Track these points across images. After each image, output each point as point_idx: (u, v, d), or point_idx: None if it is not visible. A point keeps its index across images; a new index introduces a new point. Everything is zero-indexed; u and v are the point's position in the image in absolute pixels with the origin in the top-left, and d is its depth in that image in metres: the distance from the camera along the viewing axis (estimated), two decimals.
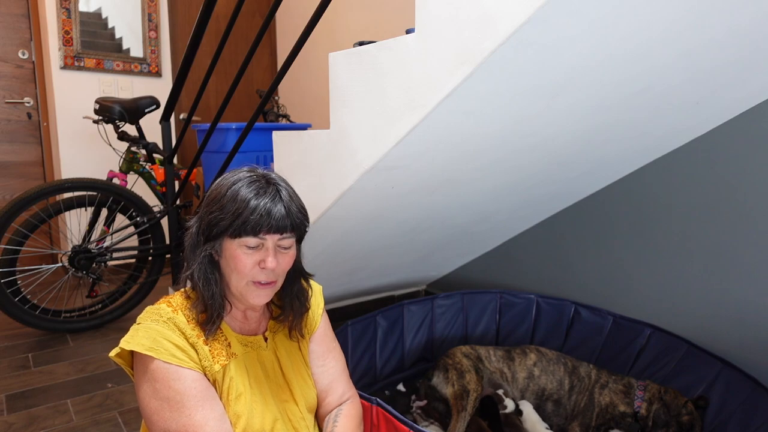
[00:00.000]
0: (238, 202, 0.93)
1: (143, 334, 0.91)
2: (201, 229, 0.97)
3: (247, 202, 0.92)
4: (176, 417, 0.88)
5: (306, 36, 1.46)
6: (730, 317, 1.58)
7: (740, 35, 1.10)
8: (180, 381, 0.90)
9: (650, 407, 1.49)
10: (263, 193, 0.94)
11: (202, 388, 0.92)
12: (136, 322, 0.95)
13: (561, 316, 1.90)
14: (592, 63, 1.03)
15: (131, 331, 0.93)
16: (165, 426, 0.88)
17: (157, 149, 2.71)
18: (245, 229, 0.92)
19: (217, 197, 0.95)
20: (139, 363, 0.91)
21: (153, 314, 0.95)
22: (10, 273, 2.35)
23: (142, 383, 0.91)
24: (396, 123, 1.11)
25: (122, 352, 0.93)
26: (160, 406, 0.89)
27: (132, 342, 0.91)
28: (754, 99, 1.43)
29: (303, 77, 3.69)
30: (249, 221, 0.92)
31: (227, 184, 0.95)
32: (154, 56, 3.55)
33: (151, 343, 0.90)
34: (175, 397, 0.89)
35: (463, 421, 1.46)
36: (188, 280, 0.99)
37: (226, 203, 0.93)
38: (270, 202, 0.93)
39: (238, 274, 0.96)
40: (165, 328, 0.92)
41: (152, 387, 0.89)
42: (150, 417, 0.89)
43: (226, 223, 0.93)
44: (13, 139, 3.31)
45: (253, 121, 1.75)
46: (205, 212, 0.96)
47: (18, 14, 3.25)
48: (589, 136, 1.43)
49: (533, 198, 1.80)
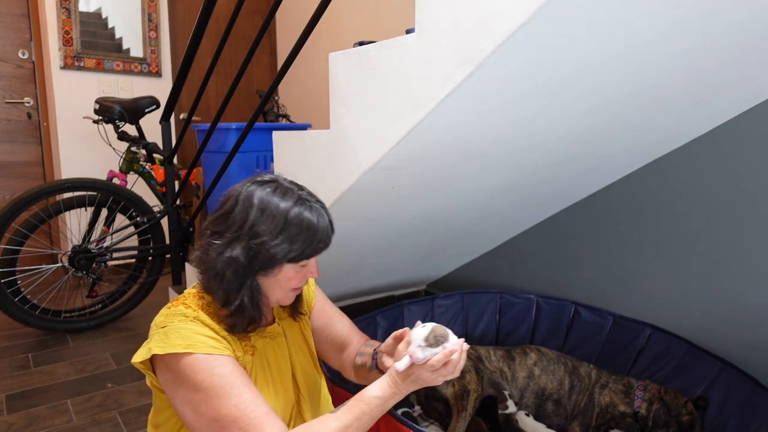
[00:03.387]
0: (305, 227, 0.93)
1: (176, 335, 0.91)
2: (258, 260, 0.93)
3: (314, 229, 0.94)
4: (225, 401, 0.87)
5: (306, 36, 1.46)
6: (730, 317, 1.58)
7: (740, 35, 1.10)
8: (223, 366, 0.90)
9: (650, 407, 1.49)
10: (319, 216, 0.96)
11: (243, 372, 0.93)
12: (160, 326, 0.93)
13: (561, 316, 1.90)
14: (592, 63, 1.03)
15: (159, 335, 0.91)
16: (214, 413, 0.87)
17: (157, 149, 2.71)
18: (310, 254, 0.96)
19: (277, 226, 0.92)
20: (174, 363, 0.90)
21: (177, 315, 0.94)
22: (10, 273, 2.35)
23: (180, 382, 0.89)
24: (396, 123, 1.11)
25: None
26: (206, 395, 0.88)
27: (166, 345, 0.90)
28: (754, 99, 1.43)
29: (303, 77, 3.69)
30: (317, 248, 0.96)
31: (284, 208, 0.93)
32: (154, 56, 3.55)
33: (187, 342, 0.90)
34: (221, 382, 0.88)
35: (463, 421, 1.46)
36: (206, 287, 0.98)
37: (290, 228, 0.92)
38: (328, 224, 0.97)
39: (285, 290, 0.99)
40: (195, 326, 0.93)
41: (193, 381, 0.88)
42: (196, 410, 0.88)
43: (296, 253, 0.94)
44: (13, 139, 3.31)
45: (253, 121, 1.75)
46: (263, 242, 0.92)
47: (18, 14, 3.25)
48: (589, 136, 1.42)
49: (533, 198, 1.80)
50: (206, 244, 0.96)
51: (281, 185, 0.97)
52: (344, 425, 0.89)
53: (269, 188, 0.96)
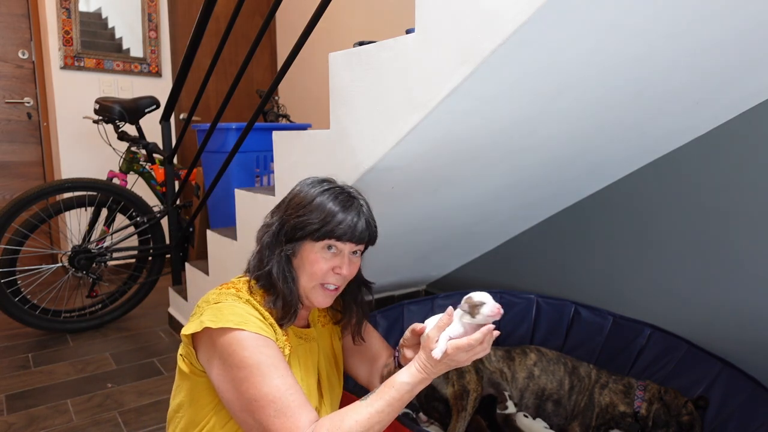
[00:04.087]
0: (327, 210, 1.01)
1: (229, 312, 0.94)
2: (284, 230, 1.03)
3: (336, 211, 1.01)
4: (267, 381, 0.90)
5: (306, 36, 1.46)
6: (730, 317, 1.58)
7: (741, 35, 1.10)
8: (270, 348, 0.93)
9: (650, 407, 1.49)
10: (350, 207, 1.03)
11: (284, 359, 0.96)
12: (212, 302, 0.98)
13: (561, 316, 1.90)
14: (592, 63, 1.03)
15: (212, 310, 0.95)
16: (254, 392, 0.89)
17: (157, 149, 2.71)
18: (332, 234, 1.00)
19: (303, 203, 1.03)
20: (222, 338, 0.92)
21: (231, 295, 0.99)
22: (10, 273, 2.35)
23: (226, 358, 0.92)
24: (396, 123, 1.11)
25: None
26: (249, 373, 0.90)
27: (219, 320, 0.93)
28: (754, 99, 1.43)
29: (303, 77, 3.69)
30: (337, 229, 1.00)
31: (314, 193, 1.03)
32: (154, 56, 3.55)
33: (239, 319, 0.93)
34: (266, 361, 0.91)
35: (463, 421, 1.46)
36: (256, 276, 1.04)
37: (314, 209, 1.01)
38: (356, 215, 1.02)
39: (310, 276, 1.03)
40: (248, 307, 0.98)
41: (240, 357, 0.90)
42: (237, 388, 0.90)
43: (315, 227, 1.00)
44: (13, 139, 3.31)
45: (253, 121, 1.75)
46: (290, 215, 1.03)
47: (18, 14, 3.25)
48: (589, 136, 1.42)
49: (533, 198, 1.80)
50: (264, 224, 1.08)
51: (328, 181, 1.07)
52: (376, 411, 0.92)
53: (316, 180, 1.08)
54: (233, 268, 2.00)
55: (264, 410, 0.88)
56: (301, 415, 0.89)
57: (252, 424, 0.90)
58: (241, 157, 2.62)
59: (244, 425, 0.92)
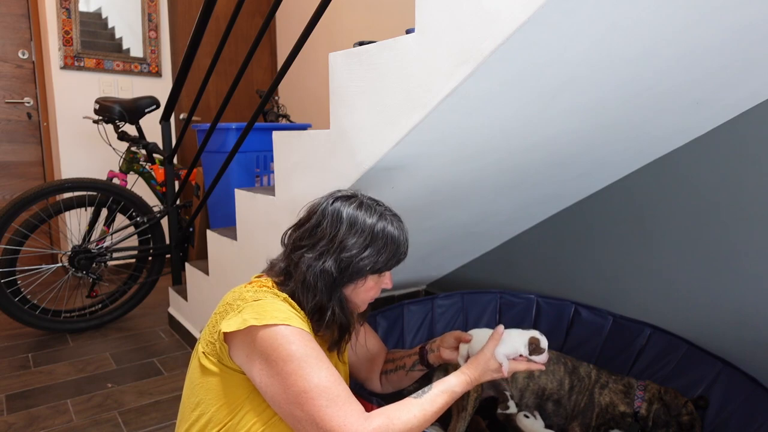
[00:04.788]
0: (390, 243, 1.02)
1: (272, 308, 0.94)
2: (344, 270, 1.00)
3: (397, 243, 1.03)
4: (317, 371, 0.89)
5: (306, 36, 1.46)
6: (730, 317, 1.58)
7: (741, 35, 1.10)
8: (313, 342, 0.94)
9: (650, 407, 1.49)
10: (400, 230, 1.04)
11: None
12: (251, 300, 0.96)
13: (561, 316, 1.90)
14: (592, 63, 1.03)
15: (253, 308, 0.94)
16: (304, 384, 0.88)
17: (157, 149, 2.71)
18: (393, 265, 1.03)
19: (364, 240, 1.00)
20: (266, 335, 0.91)
21: (268, 293, 0.99)
22: (10, 273, 2.35)
23: (270, 353, 0.90)
24: (396, 123, 1.11)
25: None
26: (298, 365, 0.89)
27: (263, 318, 0.91)
28: (754, 99, 1.43)
29: (303, 77, 3.69)
30: (399, 259, 1.03)
31: (370, 226, 1.01)
32: (154, 56, 3.55)
33: (283, 315, 0.93)
34: (313, 353, 0.91)
35: (463, 421, 1.46)
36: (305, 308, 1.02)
37: (381, 246, 1.01)
38: (407, 238, 1.06)
39: (363, 302, 1.07)
40: (287, 305, 0.97)
41: (287, 350, 0.89)
42: (284, 382, 0.89)
43: (381, 265, 1.02)
44: (13, 139, 3.31)
45: (253, 121, 1.75)
46: (352, 255, 0.99)
47: (18, 14, 3.25)
48: (589, 136, 1.43)
49: (534, 198, 1.80)
50: (297, 257, 1.02)
51: (364, 201, 1.05)
52: (430, 412, 0.96)
53: (354, 204, 1.04)
54: (233, 268, 2.00)
55: (315, 401, 0.87)
56: (352, 406, 0.88)
57: (302, 416, 0.88)
58: (241, 157, 2.62)
59: (290, 419, 0.90)
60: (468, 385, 1.05)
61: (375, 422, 0.88)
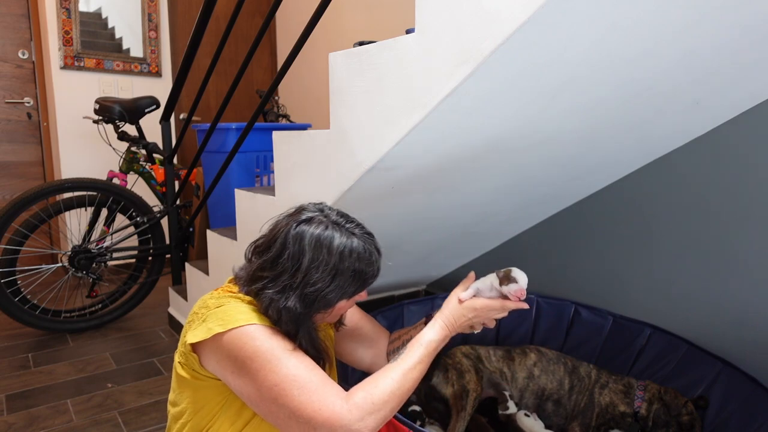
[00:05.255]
0: (359, 271, 0.96)
1: (235, 311, 0.91)
2: (310, 304, 0.94)
3: (364, 270, 0.97)
4: (285, 362, 0.87)
5: (306, 36, 1.46)
6: (730, 317, 1.58)
7: (741, 35, 1.10)
8: (280, 335, 0.91)
9: (650, 407, 1.49)
10: (369, 251, 0.98)
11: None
12: (214, 307, 0.93)
13: (561, 316, 1.90)
14: (592, 63, 1.03)
15: (216, 315, 0.91)
16: (274, 377, 0.85)
17: (157, 149, 2.71)
18: (362, 289, 1.00)
19: (329, 273, 0.93)
20: (231, 338, 0.89)
21: (231, 298, 0.96)
22: (10, 273, 2.35)
23: (237, 354, 0.88)
24: (396, 123, 1.11)
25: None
26: (264, 359, 0.87)
27: (227, 322, 0.89)
28: (754, 99, 1.43)
29: (303, 77, 3.69)
30: (369, 283, 0.99)
31: (336, 256, 0.93)
32: (154, 56, 3.55)
33: (247, 317, 0.91)
34: (280, 345, 0.89)
35: (462, 421, 1.46)
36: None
37: (348, 277, 0.95)
38: (377, 257, 1.01)
39: (336, 317, 1.04)
40: (251, 308, 0.94)
41: (252, 347, 0.87)
42: (255, 380, 0.86)
43: (350, 294, 0.98)
44: (13, 139, 3.31)
45: (253, 121, 1.75)
46: (317, 290, 0.93)
47: (18, 14, 3.25)
48: (589, 135, 1.43)
49: (534, 198, 1.80)
50: (257, 289, 0.95)
51: (332, 221, 0.97)
52: (408, 368, 0.93)
53: (321, 226, 0.95)
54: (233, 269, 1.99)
55: (287, 393, 0.84)
56: (326, 389, 0.85)
57: (279, 411, 0.85)
58: (241, 157, 2.62)
59: (272, 418, 0.87)
60: (443, 330, 1.02)
61: (354, 399, 0.85)
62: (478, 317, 1.05)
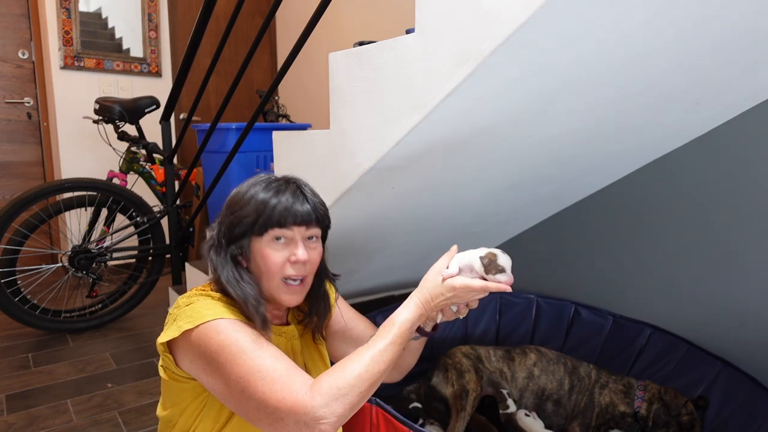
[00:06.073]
0: (260, 200, 0.96)
1: (203, 307, 0.91)
2: (222, 232, 0.99)
3: (269, 199, 0.96)
4: (249, 354, 0.85)
5: (306, 36, 1.46)
6: (730, 317, 1.58)
7: (741, 35, 1.10)
8: (246, 328, 0.91)
9: (650, 407, 1.49)
10: (284, 190, 0.97)
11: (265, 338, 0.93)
12: (183, 305, 0.94)
13: (561, 316, 1.90)
14: (592, 63, 1.03)
15: (185, 313, 0.91)
16: (239, 370, 0.84)
17: (157, 149, 2.71)
18: (270, 221, 0.95)
19: (236, 200, 0.99)
20: (199, 333, 0.88)
21: (201, 295, 0.96)
22: (10, 273, 2.35)
23: (204, 348, 0.87)
24: (396, 123, 1.11)
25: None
26: (229, 352, 0.85)
27: (195, 319, 0.89)
28: (754, 99, 1.43)
29: (303, 77, 3.69)
30: (274, 214, 0.95)
31: (245, 187, 0.99)
32: (154, 56, 3.55)
33: (215, 312, 0.91)
34: (245, 338, 0.88)
35: (462, 420, 1.46)
36: (219, 286, 0.99)
37: (247, 203, 0.97)
38: (292, 196, 0.97)
39: (269, 274, 0.97)
40: (221, 303, 0.94)
41: (217, 342, 0.86)
42: (223, 374, 0.85)
43: (251, 220, 0.95)
44: (13, 139, 3.31)
45: (253, 121, 1.75)
46: (226, 215, 0.99)
47: (18, 14, 3.25)
48: (589, 135, 1.43)
49: (533, 198, 1.80)
50: (212, 270, 1.01)
51: (265, 177, 1.02)
52: (379, 351, 0.89)
53: (251, 179, 1.02)
54: None
55: (253, 384, 0.83)
56: (292, 378, 0.83)
57: (247, 405, 0.84)
58: (241, 157, 2.61)
59: (243, 412, 0.86)
60: (418, 309, 0.96)
61: (318, 385, 0.82)
62: (457, 297, 0.97)
